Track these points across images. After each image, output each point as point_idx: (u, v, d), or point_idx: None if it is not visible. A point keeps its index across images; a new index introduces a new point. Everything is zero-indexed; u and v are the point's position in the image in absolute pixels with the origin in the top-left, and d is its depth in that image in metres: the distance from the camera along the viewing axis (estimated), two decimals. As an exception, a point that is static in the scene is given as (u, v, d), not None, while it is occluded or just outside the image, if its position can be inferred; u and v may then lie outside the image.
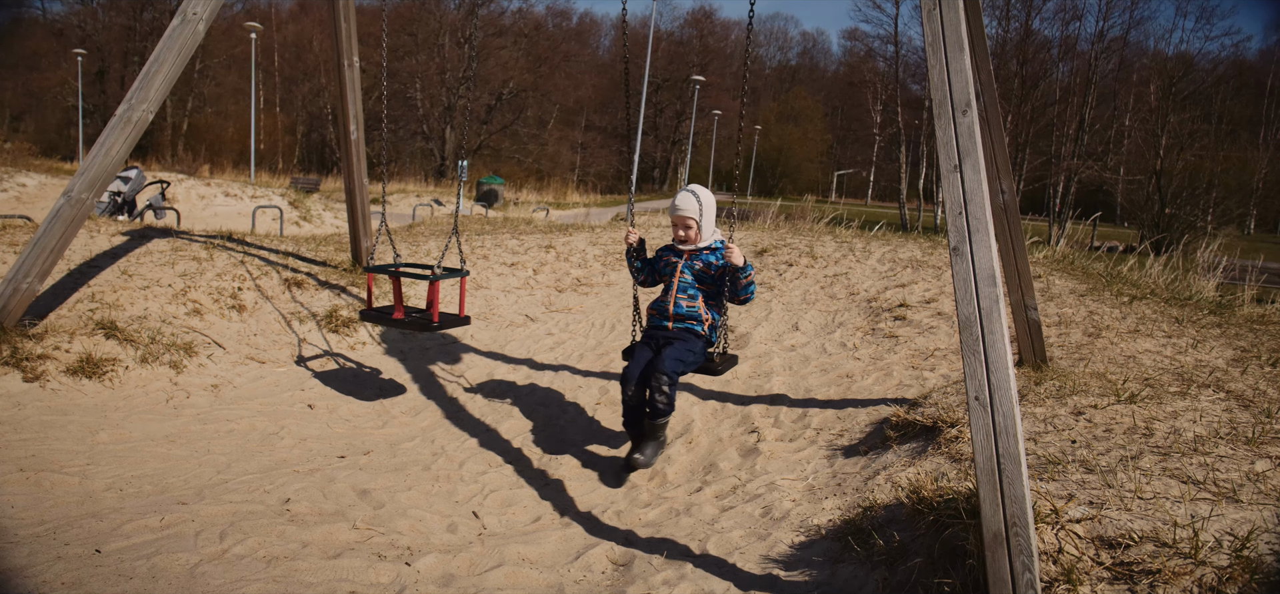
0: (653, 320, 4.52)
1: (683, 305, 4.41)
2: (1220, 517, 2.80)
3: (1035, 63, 46.44)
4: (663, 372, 4.17)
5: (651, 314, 4.53)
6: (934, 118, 2.91)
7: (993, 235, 2.76)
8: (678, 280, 4.43)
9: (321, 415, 5.44)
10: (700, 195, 4.47)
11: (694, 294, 4.42)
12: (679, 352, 4.26)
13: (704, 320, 4.42)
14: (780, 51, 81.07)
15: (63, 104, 47.92)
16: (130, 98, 5.51)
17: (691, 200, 4.44)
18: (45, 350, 5.38)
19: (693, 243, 4.45)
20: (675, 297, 4.42)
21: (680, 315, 4.41)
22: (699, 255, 4.46)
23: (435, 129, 57.56)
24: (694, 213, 4.43)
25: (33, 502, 3.64)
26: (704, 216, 4.44)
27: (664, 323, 4.44)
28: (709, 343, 4.47)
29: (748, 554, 3.50)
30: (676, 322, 4.41)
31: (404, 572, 3.28)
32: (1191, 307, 6.38)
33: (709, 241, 4.49)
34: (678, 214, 4.44)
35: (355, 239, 7.79)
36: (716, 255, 4.45)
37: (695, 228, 4.44)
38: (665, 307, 4.46)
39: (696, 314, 4.41)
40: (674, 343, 4.31)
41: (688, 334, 4.38)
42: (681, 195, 4.47)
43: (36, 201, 18.46)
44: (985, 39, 4.34)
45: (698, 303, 4.42)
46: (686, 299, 4.41)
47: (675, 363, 4.21)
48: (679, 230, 4.47)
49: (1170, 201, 34.45)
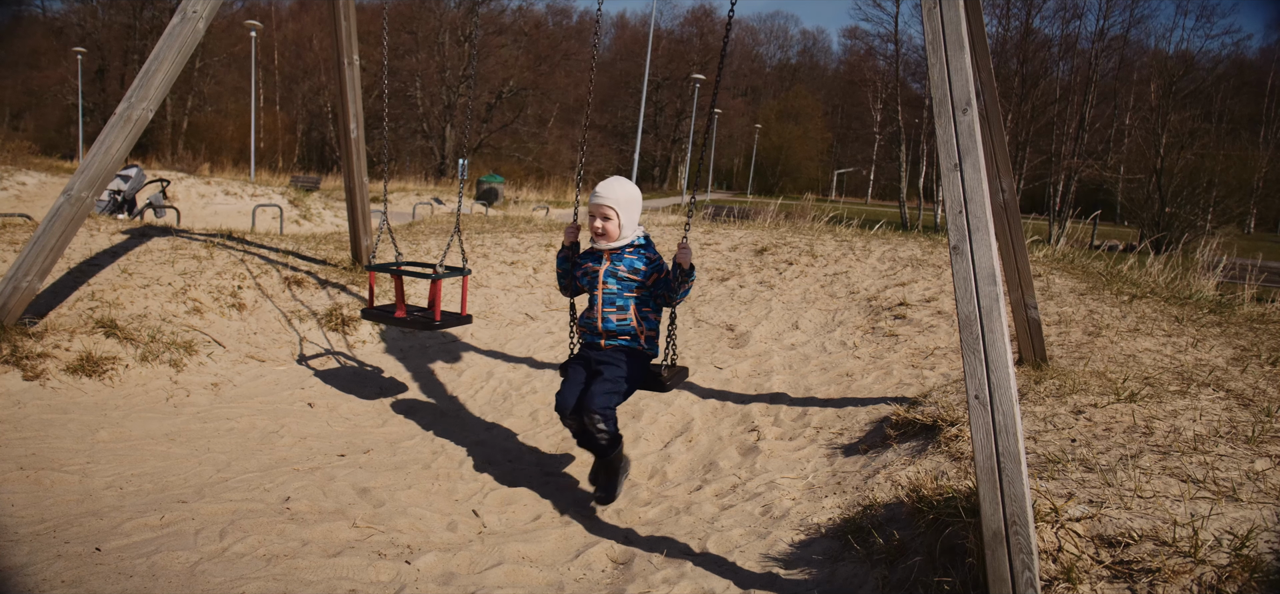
0: (583, 337, 4.06)
1: (612, 320, 3.91)
2: (1220, 515, 2.80)
3: (1035, 61, 46.43)
4: (593, 411, 3.76)
5: (582, 331, 4.07)
6: (934, 116, 2.91)
7: (993, 234, 2.76)
8: (602, 292, 3.92)
9: (321, 414, 5.44)
10: (623, 184, 3.97)
11: (623, 304, 3.90)
12: (610, 382, 3.82)
13: (639, 333, 3.93)
14: (780, 50, 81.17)
15: (63, 102, 47.94)
16: (130, 96, 5.51)
17: (612, 188, 3.93)
18: (45, 349, 5.38)
19: (610, 239, 3.92)
20: (602, 311, 3.92)
21: (610, 331, 3.92)
22: (621, 256, 3.93)
23: (435, 127, 57.55)
24: (614, 202, 3.89)
25: (33, 500, 3.64)
26: (624, 208, 3.91)
27: (595, 341, 3.97)
28: (649, 356, 4.02)
29: (748, 552, 3.50)
30: (608, 338, 3.93)
31: (404, 570, 3.28)
32: (1191, 305, 6.38)
33: (631, 239, 3.96)
34: (595, 202, 3.91)
35: (355, 238, 7.79)
36: (640, 255, 3.95)
37: (614, 220, 3.89)
38: (593, 322, 3.95)
39: (628, 328, 3.91)
40: (604, 370, 3.87)
41: (620, 354, 3.91)
42: (602, 183, 3.96)
43: (36, 200, 18.45)
44: (985, 37, 4.34)
45: (629, 314, 3.90)
46: (615, 312, 3.91)
47: (605, 398, 3.79)
48: (596, 221, 3.92)
49: (1170, 200, 34.44)
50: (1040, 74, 46.49)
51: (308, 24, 57.77)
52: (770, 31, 78.69)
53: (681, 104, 66.41)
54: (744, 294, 7.28)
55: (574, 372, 3.98)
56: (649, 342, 3.98)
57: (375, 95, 36.80)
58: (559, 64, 62.16)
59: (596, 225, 3.92)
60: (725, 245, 8.68)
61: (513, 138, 58.89)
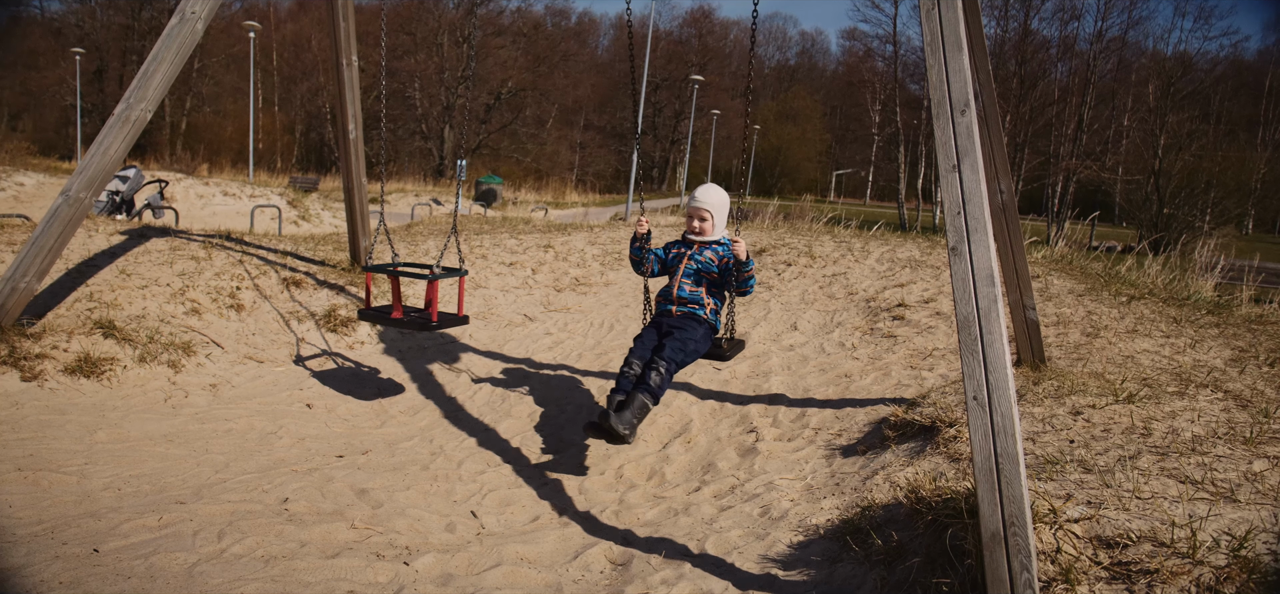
0: (659, 306, 4.70)
1: (686, 290, 4.58)
2: (1218, 516, 2.80)
3: (1034, 62, 46.44)
4: (663, 358, 4.29)
5: (658, 300, 4.72)
6: (933, 117, 2.91)
7: (991, 235, 2.76)
8: (683, 268, 4.62)
9: (320, 415, 5.44)
10: (718, 192, 4.70)
11: (698, 281, 4.58)
12: (682, 340, 4.37)
13: (706, 305, 4.57)
14: (779, 51, 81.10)
15: (61, 103, 47.85)
16: (128, 97, 5.50)
17: (711, 194, 4.67)
18: (43, 350, 5.37)
19: (704, 235, 4.63)
20: (680, 281, 4.60)
21: (683, 299, 4.57)
22: (707, 248, 4.62)
23: (434, 128, 57.49)
24: (711, 207, 4.63)
25: (31, 501, 3.64)
26: (718, 212, 4.64)
27: (668, 307, 4.61)
28: (713, 329, 4.61)
29: (746, 554, 3.50)
30: (680, 306, 4.58)
31: (402, 571, 3.28)
32: (1189, 306, 6.38)
33: (718, 237, 4.66)
34: (695, 205, 4.66)
35: (354, 238, 7.79)
36: (722, 249, 4.62)
37: (710, 221, 4.63)
38: (670, 291, 4.63)
39: (699, 299, 4.56)
40: (677, 331, 4.43)
41: (690, 320, 4.52)
42: (701, 189, 4.71)
43: (34, 200, 18.43)
44: (984, 38, 4.34)
45: (701, 290, 4.58)
46: (690, 284, 4.58)
47: (677, 350, 4.33)
48: (694, 222, 4.66)
49: (1168, 201, 34.49)
50: (1038, 75, 46.51)
51: (306, 25, 57.69)
52: (769, 33, 78.55)
53: (680, 105, 66.37)
54: (742, 295, 7.28)
55: (647, 334, 4.55)
56: (713, 314, 4.60)
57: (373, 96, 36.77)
58: (558, 65, 62.07)
59: (694, 224, 4.65)
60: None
61: (511, 139, 58.83)
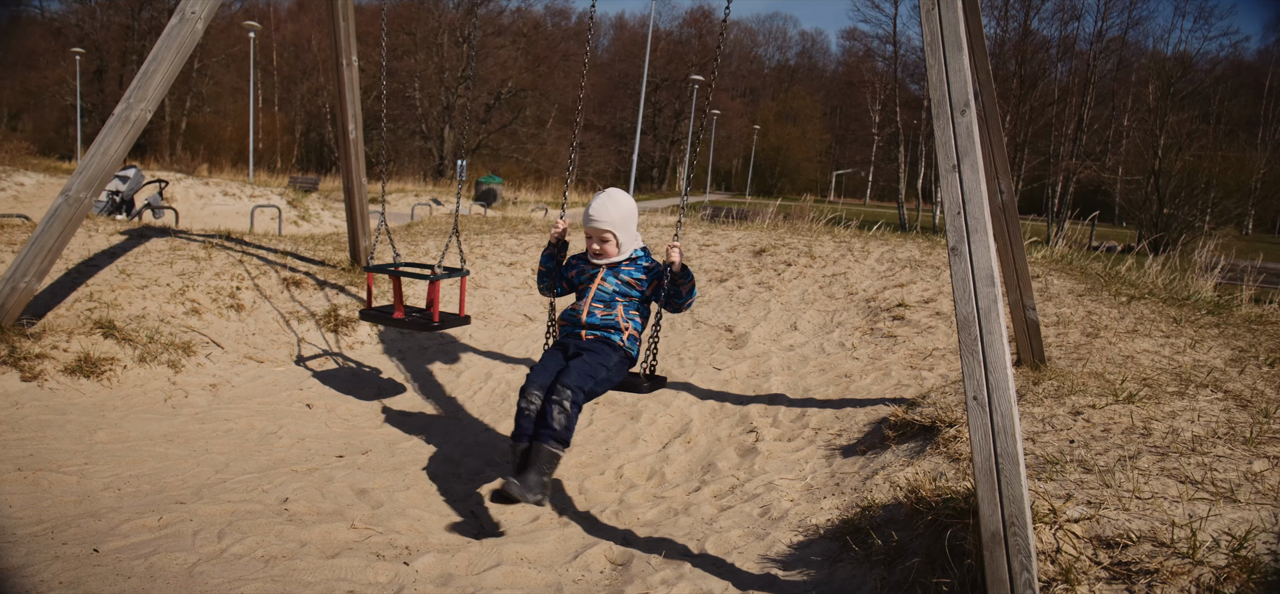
0: (563, 329, 4.02)
1: (597, 315, 3.90)
2: (1218, 516, 2.80)
3: (1034, 62, 46.50)
4: (567, 385, 3.55)
5: (562, 322, 4.04)
6: (933, 117, 2.91)
7: (991, 235, 2.76)
8: (595, 289, 3.93)
9: (320, 415, 5.44)
10: (619, 202, 3.92)
11: (612, 303, 3.92)
12: (589, 365, 3.68)
13: (624, 330, 3.90)
14: (779, 51, 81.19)
15: (61, 103, 47.85)
16: (128, 97, 5.50)
17: (609, 208, 3.88)
18: (43, 349, 5.37)
19: (609, 257, 3.95)
20: (589, 305, 3.91)
21: (593, 326, 3.89)
22: (619, 269, 3.97)
23: (434, 128, 57.51)
24: (612, 225, 3.87)
25: (30, 501, 3.64)
26: (621, 228, 3.91)
27: (576, 331, 3.93)
28: (630, 358, 3.95)
29: (746, 554, 3.50)
30: (589, 331, 3.90)
31: (402, 571, 3.28)
32: (1189, 307, 6.38)
33: (630, 253, 3.99)
34: (592, 225, 3.88)
35: (354, 238, 7.79)
36: (637, 267, 3.98)
37: (613, 242, 3.92)
38: (577, 314, 3.93)
39: (613, 323, 3.89)
40: (585, 354, 3.75)
41: (602, 345, 3.84)
42: (597, 202, 3.91)
43: (34, 200, 18.43)
44: (984, 39, 4.34)
45: (615, 312, 3.90)
46: (602, 308, 3.91)
47: (583, 377, 3.61)
48: (593, 244, 3.94)
49: (1168, 201, 34.49)
50: (1038, 75, 46.57)
51: (306, 25, 57.71)
52: (769, 33, 78.78)
53: (680, 105, 66.38)
54: (742, 295, 7.28)
55: (550, 356, 3.87)
56: (630, 341, 3.94)
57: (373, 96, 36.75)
58: (557, 65, 62.11)
59: (594, 247, 3.94)
60: (723, 246, 8.68)
61: (511, 139, 58.87)
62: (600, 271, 3.96)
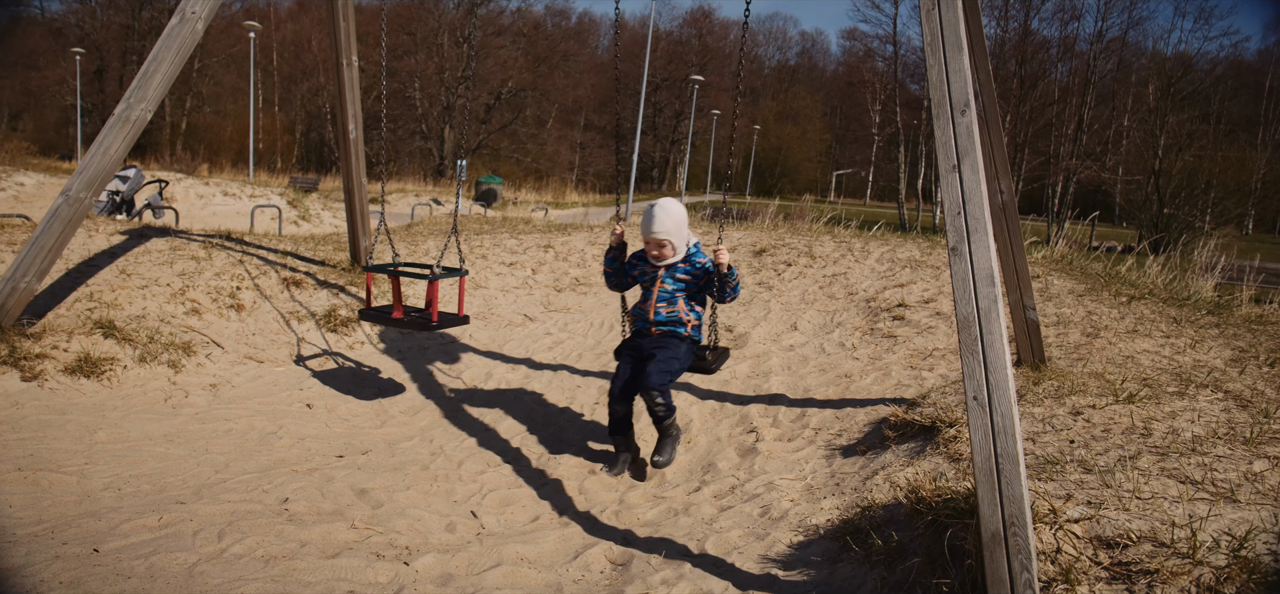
0: (634, 326, 4.47)
1: (663, 313, 4.34)
2: (1218, 517, 2.80)
3: (1034, 63, 46.49)
4: (650, 387, 4.15)
5: (633, 319, 4.49)
6: (933, 118, 2.91)
7: (991, 235, 2.76)
8: (657, 289, 4.36)
9: (320, 415, 5.44)
10: (671, 212, 4.31)
11: (673, 300, 4.35)
12: (663, 362, 4.19)
13: (686, 322, 4.36)
14: (779, 51, 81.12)
15: (61, 103, 47.85)
16: (129, 97, 5.50)
17: (665, 220, 4.28)
18: (43, 350, 5.37)
19: (667, 260, 4.35)
20: (654, 305, 4.35)
21: (660, 322, 4.35)
22: (675, 268, 4.38)
23: (434, 128, 57.50)
24: (668, 234, 4.28)
25: (31, 501, 3.64)
26: (677, 234, 4.31)
27: (646, 329, 4.39)
28: (695, 342, 4.43)
29: (746, 554, 3.50)
30: (658, 326, 4.35)
31: (402, 571, 3.28)
32: (1190, 307, 6.38)
33: (684, 253, 4.39)
34: (651, 236, 4.29)
35: (354, 238, 7.79)
36: (692, 263, 4.39)
37: (669, 246, 4.31)
38: (645, 313, 4.38)
39: (677, 318, 4.34)
40: (657, 353, 4.24)
41: (670, 338, 4.32)
42: (652, 216, 4.30)
43: (35, 200, 18.43)
44: (984, 39, 4.34)
45: (677, 307, 4.34)
46: (666, 306, 4.34)
47: (661, 376, 4.17)
48: (653, 251, 4.35)
49: (1168, 201, 34.48)
50: (1039, 75, 46.56)
51: (306, 25, 57.70)
52: (769, 33, 78.56)
53: (680, 105, 66.37)
54: (742, 295, 7.28)
55: (623, 363, 4.41)
56: (695, 330, 4.43)
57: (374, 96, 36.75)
58: (558, 65, 62.10)
59: (653, 253, 4.36)
60: (723, 246, 8.67)
61: (511, 139, 58.86)
62: (660, 272, 4.39)
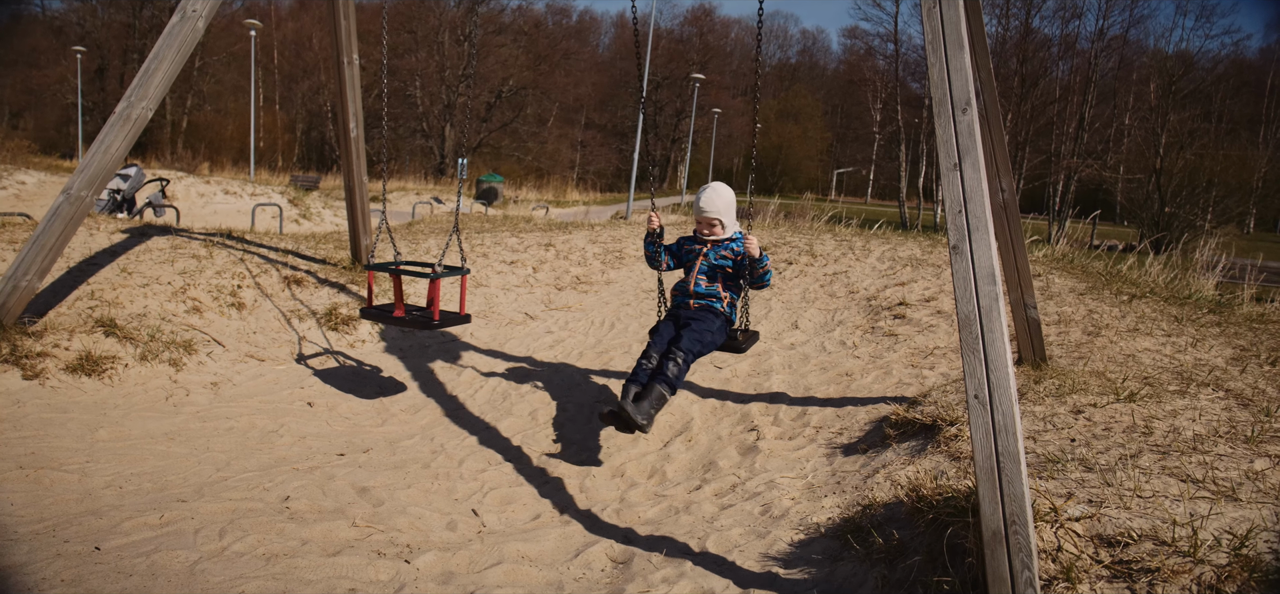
0: (675, 300, 4.81)
1: (702, 285, 4.68)
2: (1219, 515, 2.80)
3: (1035, 61, 46.43)
4: (680, 348, 4.42)
5: (674, 295, 4.83)
6: (934, 116, 2.91)
7: (992, 234, 2.76)
8: (699, 265, 4.71)
9: (321, 413, 5.44)
10: (723, 194, 4.75)
11: (713, 277, 4.68)
12: (699, 332, 4.49)
13: (722, 298, 4.67)
14: (780, 49, 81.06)
15: (62, 101, 47.86)
16: (130, 95, 5.50)
17: (716, 199, 4.72)
18: (45, 348, 5.38)
19: (717, 237, 4.72)
20: (696, 278, 4.70)
21: (700, 294, 4.67)
22: (721, 245, 4.72)
23: (435, 127, 57.49)
24: (719, 212, 4.70)
25: (32, 499, 3.64)
26: (727, 214, 4.71)
27: (685, 301, 4.71)
28: (729, 321, 4.69)
29: (747, 552, 3.50)
30: (697, 300, 4.67)
31: (403, 569, 3.28)
32: (1191, 305, 6.38)
33: (731, 233, 4.75)
34: (704, 215, 4.71)
35: (355, 237, 7.79)
36: (734, 245, 4.72)
37: (719, 226, 4.71)
38: (686, 286, 4.73)
39: (715, 293, 4.66)
40: (694, 322, 4.54)
41: (707, 312, 4.61)
42: (706, 195, 4.74)
43: (36, 199, 18.44)
44: (985, 36, 4.34)
45: (717, 285, 4.68)
46: (705, 280, 4.69)
47: (694, 341, 4.46)
48: (704, 229, 4.74)
49: (1170, 200, 34.45)
50: (1040, 74, 46.50)
51: (307, 23, 57.69)
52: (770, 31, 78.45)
53: (681, 103, 66.33)
54: (743, 294, 7.28)
55: (665, 326, 4.64)
56: (729, 307, 4.70)
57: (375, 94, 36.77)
58: (558, 63, 62.08)
59: (704, 231, 4.72)
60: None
61: (512, 137, 58.84)
62: (704, 250, 4.72)
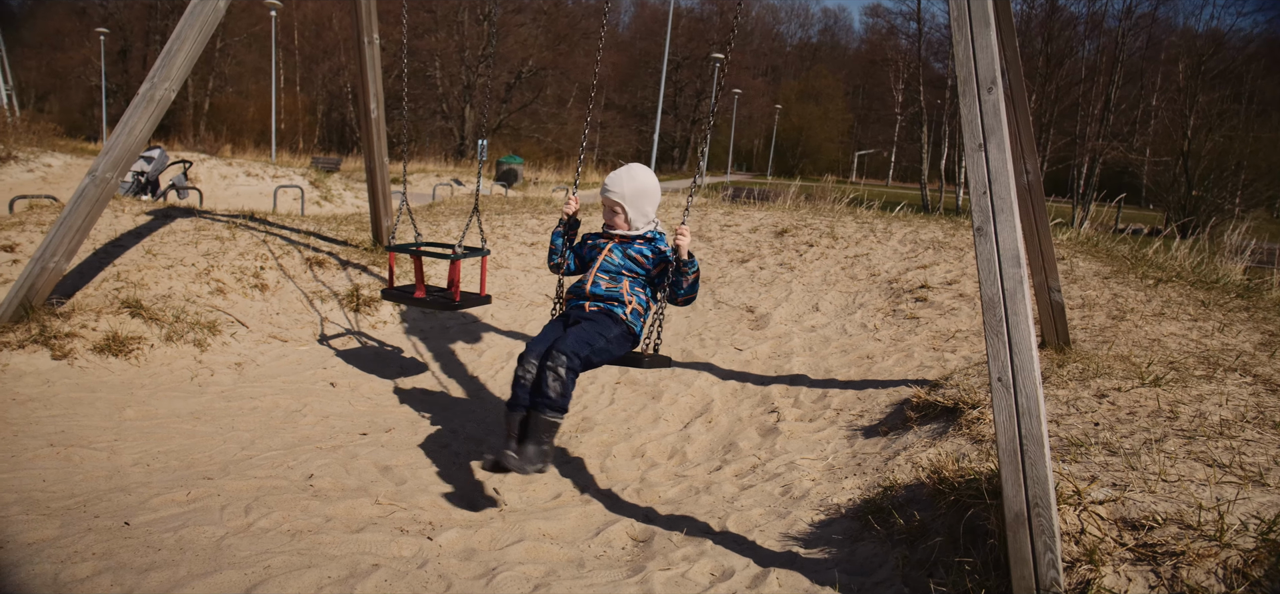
0: (570, 302, 3.95)
1: (602, 286, 3.84)
2: (1246, 500, 2.77)
3: (1061, 40, 45.77)
4: (561, 351, 3.50)
5: (569, 296, 3.99)
6: (959, 95, 2.88)
7: (1017, 215, 2.73)
8: (601, 261, 3.89)
9: (343, 393, 5.49)
10: (634, 177, 3.91)
11: (618, 276, 3.87)
12: (587, 333, 3.62)
13: (628, 304, 3.82)
14: (801, 29, 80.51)
15: (86, 83, 48.41)
16: (153, 76, 5.55)
17: (621, 181, 3.89)
18: (72, 329, 5.45)
19: (618, 229, 3.93)
20: (594, 276, 3.87)
21: (598, 296, 3.83)
22: (630, 244, 3.93)
23: (455, 108, 57.60)
24: (621, 197, 3.87)
25: (63, 475, 3.70)
26: (631, 203, 3.89)
27: (581, 302, 3.87)
28: (633, 333, 3.84)
29: (767, 532, 3.51)
30: (594, 302, 3.83)
31: (426, 546, 3.31)
32: (1218, 290, 6.30)
33: (644, 232, 3.95)
34: (605, 195, 3.90)
35: (376, 218, 7.83)
36: (651, 246, 3.93)
37: (621, 215, 3.89)
38: (582, 285, 3.90)
39: (618, 296, 3.81)
40: (584, 323, 3.71)
41: (603, 316, 3.77)
42: (614, 174, 3.92)
43: (62, 182, 18.66)
44: (1011, 14, 4.28)
45: (620, 285, 3.84)
46: (607, 279, 3.85)
47: (580, 344, 3.55)
48: (607, 215, 3.96)
49: (1197, 183, 33.96)
50: (1065, 53, 45.84)
51: (327, 4, 57.85)
52: (791, 10, 78.24)
53: (701, 84, 66.02)
54: (764, 276, 7.26)
55: (551, 325, 3.89)
56: (634, 315, 3.85)
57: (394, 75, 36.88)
58: (578, 44, 61.92)
59: (606, 218, 3.99)
60: (745, 227, 8.65)
61: (532, 118, 58.86)
62: (608, 245, 3.94)
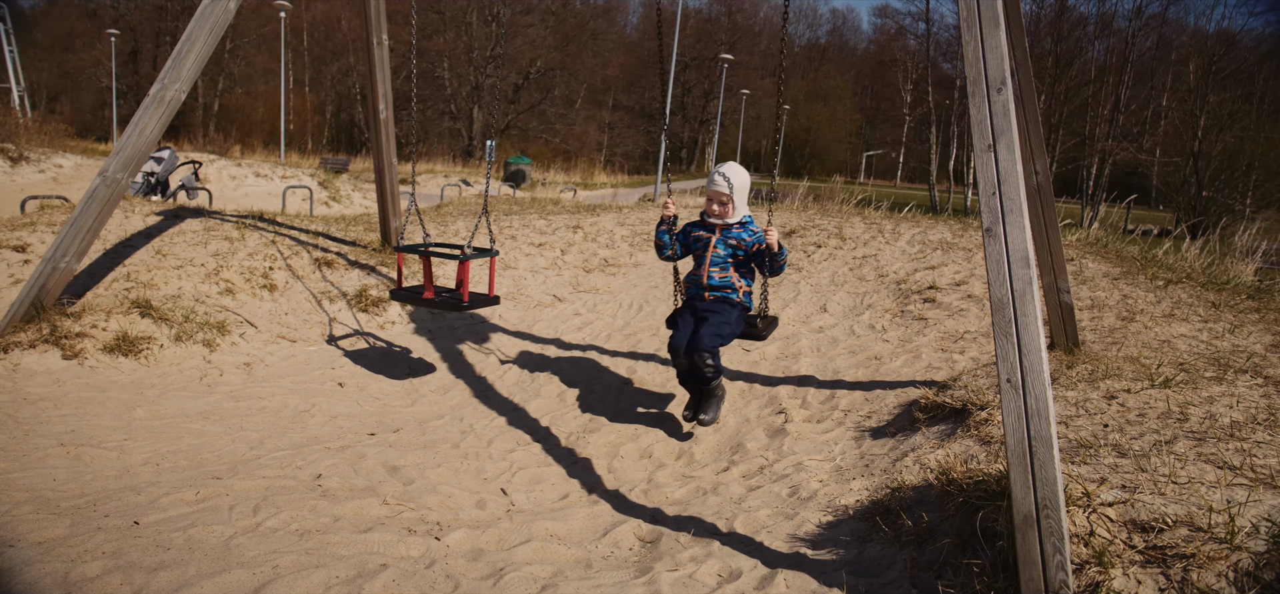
0: (689, 291, 4.73)
1: (716, 277, 4.59)
2: (1257, 502, 2.75)
3: (1070, 40, 45.55)
4: (703, 349, 4.38)
5: (688, 285, 4.75)
6: (968, 96, 2.87)
7: (1026, 216, 2.72)
8: (710, 255, 4.61)
9: (352, 393, 5.50)
10: (734, 175, 4.64)
11: (726, 266, 4.59)
12: (716, 326, 4.43)
13: (738, 288, 4.60)
14: (809, 29, 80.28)
15: (97, 85, 48.66)
16: (163, 77, 5.57)
17: (729, 175, 4.63)
18: (83, 329, 5.48)
19: (724, 218, 4.61)
20: (708, 269, 4.60)
21: (714, 286, 4.59)
22: (730, 231, 4.61)
23: (463, 109, 57.66)
24: (726, 190, 4.60)
25: (73, 474, 3.72)
26: (736, 194, 4.61)
27: (700, 294, 4.63)
28: (747, 309, 4.64)
29: (775, 533, 3.50)
30: (712, 292, 4.60)
31: (434, 546, 3.32)
32: (1228, 291, 6.26)
33: (740, 217, 4.65)
34: (713, 188, 4.63)
35: (384, 219, 7.85)
36: (746, 230, 4.62)
37: (729, 205, 4.61)
38: (699, 278, 4.65)
39: (730, 283, 4.58)
40: (711, 316, 4.48)
41: (723, 304, 4.55)
42: (719, 169, 4.67)
43: (72, 182, 18.75)
44: (1020, 14, 4.26)
45: (730, 273, 4.59)
46: (718, 271, 4.59)
47: (713, 339, 4.40)
48: (713, 205, 4.64)
49: (1208, 184, 33.79)
50: (1075, 53, 45.61)
51: (336, 4, 57.97)
52: (799, 10, 77.69)
53: (709, 85, 65.94)
54: (771, 276, 7.24)
55: (683, 320, 4.61)
56: (746, 296, 4.65)
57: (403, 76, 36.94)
58: (587, 44, 61.94)
59: (713, 207, 4.63)
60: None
61: (540, 119, 58.87)
62: (713, 238, 4.62)
